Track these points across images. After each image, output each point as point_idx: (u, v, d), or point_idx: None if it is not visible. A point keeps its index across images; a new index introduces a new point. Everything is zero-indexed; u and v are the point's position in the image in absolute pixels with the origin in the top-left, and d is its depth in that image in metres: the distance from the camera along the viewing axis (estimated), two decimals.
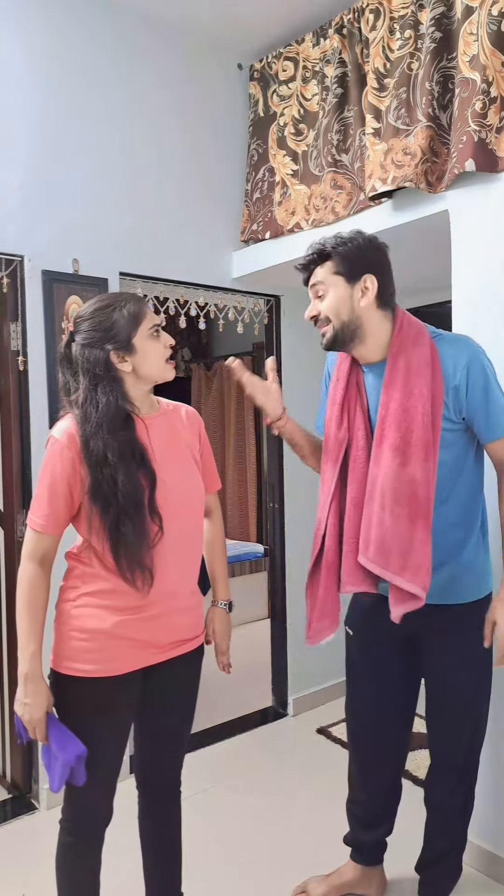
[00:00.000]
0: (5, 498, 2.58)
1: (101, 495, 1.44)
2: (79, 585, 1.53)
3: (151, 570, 1.48)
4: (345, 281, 1.63)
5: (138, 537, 1.45)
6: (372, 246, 1.66)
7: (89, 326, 1.50)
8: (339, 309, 1.63)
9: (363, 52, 2.48)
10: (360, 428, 1.69)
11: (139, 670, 1.54)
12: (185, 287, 2.88)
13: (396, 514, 1.58)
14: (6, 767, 2.64)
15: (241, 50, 2.95)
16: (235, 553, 4.71)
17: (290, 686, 3.25)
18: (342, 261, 1.63)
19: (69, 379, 1.53)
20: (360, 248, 1.64)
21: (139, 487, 1.46)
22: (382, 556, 1.59)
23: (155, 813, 1.72)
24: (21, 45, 2.41)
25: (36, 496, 1.50)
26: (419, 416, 1.57)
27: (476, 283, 2.10)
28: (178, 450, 1.61)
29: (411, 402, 1.58)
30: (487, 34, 2.00)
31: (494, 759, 2.06)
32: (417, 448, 1.57)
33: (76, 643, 1.50)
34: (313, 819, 2.28)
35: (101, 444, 1.44)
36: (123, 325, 1.49)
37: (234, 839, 2.31)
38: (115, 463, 1.44)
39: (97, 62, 2.59)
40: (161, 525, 1.49)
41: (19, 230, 2.41)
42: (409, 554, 1.57)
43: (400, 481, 1.57)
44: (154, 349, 1.52)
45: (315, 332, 1.72)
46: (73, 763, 1.43)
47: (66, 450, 1.47)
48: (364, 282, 1.62)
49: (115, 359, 1.49)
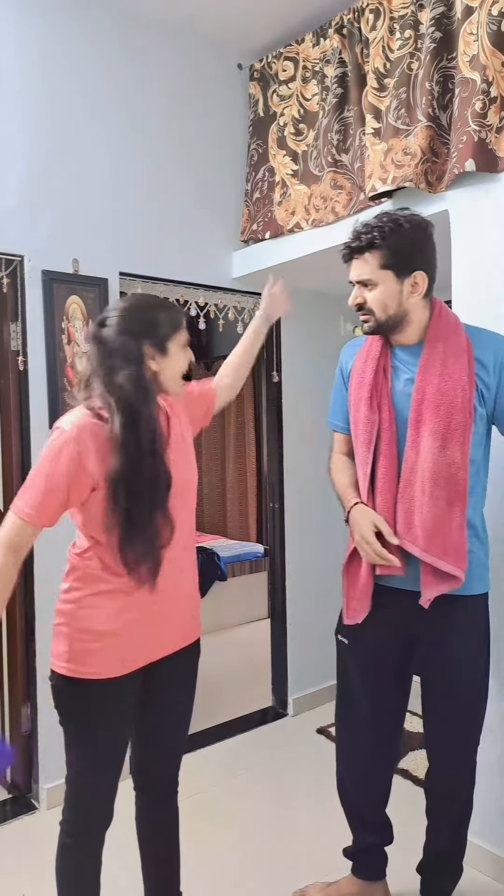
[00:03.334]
0: (5, 498, 2.58)
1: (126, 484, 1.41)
2: (82, 587, 1.52)
3: (159, 567, 1.48)
4: (394, 276, 1.60)
5: (153, 532, 1.46)
6: (422, 235, 1.63)
7: (133, 316, 1.49)
8: (386, 304, 1.62)
9: (363, 52, 2.48)
10: (385, 411, 1.67)
11: (140, 669, 1.54)
12: (185, 287, 2.88)
13: (436, 496, 1.58)
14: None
15: (241, 50, 2.95)
16: (235, 553, 4.72)
17: (290, 686, 3.25)
18: (393, 254, 1.59)
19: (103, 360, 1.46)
20: (411, 241, 1.60)
21: (167, 478, 1.48)
22: (426, 538, 1.59)
23: (153, 813, 1.72)
24: (20, 46, 2.41)
25: (29, 484, 1.44)
26: (459, 400, 1.57)
27: (476, 283, 2.10)
28: (181, 448, 1.61)
29: (450, 386, 1.58)
30: (487, 34, 2.00)
31: (495, 760, 2.06)
32: (457, 432, 1.58)
33: (82, 645, 1.49)
34: (313, 819, 2.28)
35: (149, 431, 1.43)
36: (165, 327, 1.50)
37: (233, 839, 2.31)
38: (158, 455, 1.45)
39: (97, 62, 2.59)
40: (173, 530, 1.50)
41: (19, 230, 2.41)
42: (448, 536, 1.58)
43: (439, 464, 1.58)
44: (180, 360, 1.54)
45: (315, 331, 1.73)
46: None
47: (74, 443, 1.42)
48: (414, 278, 1.61)
49: (148, 353, 1.48)
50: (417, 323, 1.66)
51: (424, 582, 1.61)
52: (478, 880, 2.07)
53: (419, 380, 1.62)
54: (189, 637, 1.64)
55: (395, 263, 1.59)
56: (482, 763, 2.09)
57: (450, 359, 1.60)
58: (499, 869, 2.06)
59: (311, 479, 3.28)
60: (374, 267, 1.61)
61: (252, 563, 4.78)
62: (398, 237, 1.59)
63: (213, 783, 2.64)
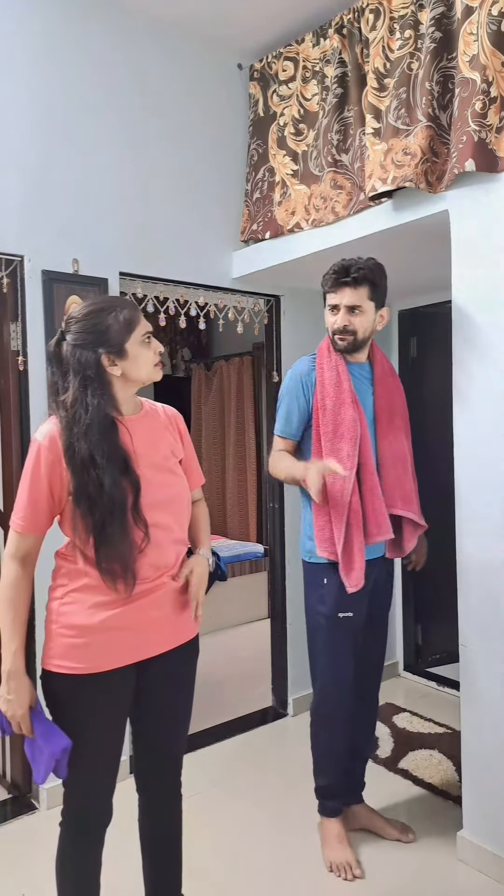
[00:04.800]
0: (5, 498, 2.58)
1: (86, 498, 1.45)
2: (66, 583, 1.54)
3: (135, 574, 1.49)
4: (375, 308, 2.11)
5: (123, 541, 1.47)
6: (386, 278, 2.14)
7: (82, 328, 1.50)
8: (366, 328, 2.11)
9: (363, 52, 2.48)
10: (361, 412, 2.12)
11: (131, 666, 1.54)
12: (185, 287, 2.88)
13: (406, 472, 2.20)
14: (6, 767, 2.64)
15: (241, 50, 2.95)
16: (235, 553, 4.72)
17: (290, 686, 3.25)
18: (376, 291, 2.08)
19: (58, 379, 1.54)
20: (384, 283, 2.11)
21: (124, 492, 1.47)
22: (410, 504, 2.18)
23: (155, 813, 1.72)
24: (21, 46, 2.41)
25: (17, 497, 1.52)
26: (401, 407, 2.23)
27: (476, 283, 2.10)
28: (160, 451, 1.62)
29: (398, 394, 2.23)
30: (487, 34, 2.00)
31: (494, 760, 2.06)
32: (406, 427, 2.24)
33: (64, 640, 1.51)
34: (313, 819, 2.28)
35: (86, 447, 1.45)
36: (117, 330, 1.50)
37: (234, 839, 2.31)
38: (102, 465, 1.45)
39: (97, 62, 2.59)
40: (147, 531, 1.50)
41: (19, 230, 2.41)
42: (415, 501, 2.22)
43: (403, 451, 2.19)
44: (144, 355, 1.54)
45: (314, 332, 1.75)
46: (58, 756, 1.45)
47: (47, 452, 1.48)
48: (381, 312, 2.14)
49: (105, 362, 1.50)
50: (367, 346, 2.18)
51: (407, 537, 2.20)
52: (478, 880, 2.07)
53: (379, 389, 2.17)
54: (184, 635, 1.63)
55: (376, 298, 2.09)
56: (482, 763, 2.10)
57: (392, 375, 2.25)
58: (499, 869, 2.06)
59: None
60: (363, 297, 2.07)
61: (252, 563, 4.78)
62: (380, 277, 2.09)
63: (213, 783, 2.64)
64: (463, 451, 2.15)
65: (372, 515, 2.08)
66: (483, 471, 2.08)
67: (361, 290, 2.05)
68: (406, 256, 2.63)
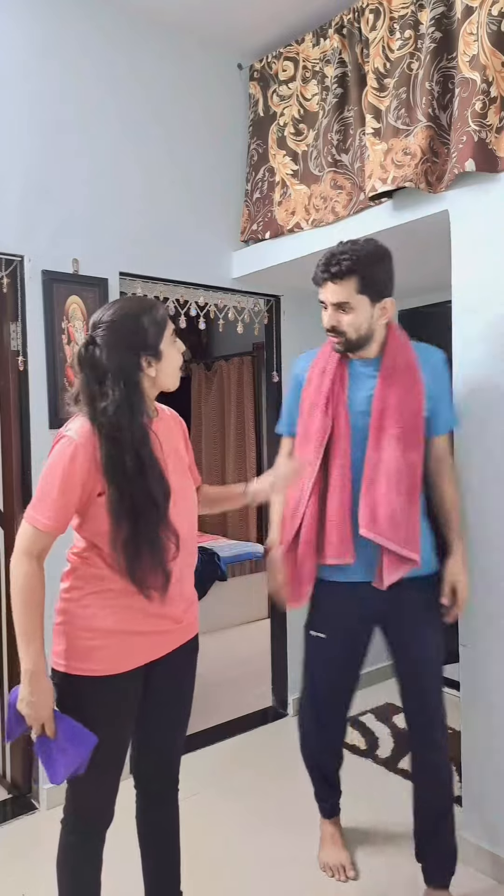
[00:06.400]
0: (5, 498, 2.58)
1: (128, 508, 1.42)
2: (82, 585, 1.53)
3: (168, 586, 1.49)
4: (369, 301, 1.77)
5: (165, 552, 1.47)
6: (390, 264, 1.79)
7: (120, 331, 1.47)
8: (359, 326, 1.79)
9: (363, 52, 2.48)
10: (341, 417, 1.85)
11: (142, 666, 1.55)
12: (185, 287, 2.88)
13: (400, 493, 1.78)
14: (6, 767, 2.64)
15: (241, 50, 2.95)
16: (235, 553, 4.72)
17: (290, 686, 3.25)
18: (367, 282, 1.74)
19: (94, 385, 1.46)
20: (381, 270, 1.77)
21: (165, 502, 1.47)
22: (392, 529, 1.77)
23: (153, 811, 1.72)
24: (21, 45, 2.41)
25: (42, 494, 1.45)
26: (417, 408, 1.80)
27: (476, 283, 2.10)
28: (178, 455, 1.62)
29: (409, 397, 1.80)
30: (487, 34, 2.00)
31: (494, 760, 2.06)
32: (415, 436, 1.81)
33: (84, 643, 1.50)
34: (313, 819, 2.28)
35: (135, 455, 1.42)
36: (154, 332, 1.49)
37: (234, 839, 2.31)
38: (150, 475, 1.44)
39: (97, 62, 2.59)
40: (178, 542, 1.50)
41: (19, 230, 2.41)
42: (410, 527, 1.79)
43: (402, 465, 1.78)
44: (174, 356, 1.54)
45: (314, 332, 1.76)
46: (86, 755, 1.43)
47: (83, 448, 1.44)
48: (384, 303, 1.79)
49: (145, 365, 1.49)
50: (378, 340, 1.84)
51: (387, 567, 1.80)
52: (478, 880, 2.07)
53: (379, 390, 1.81)
54: (188, 633, 1.65)
55: (370, 290, 1.75)
56: (482, 763, 2.10)
57: (406, 372, 1.81)
58: (499, 869, 2.06)
59: None
60: (351, 292, 1.75)
61: (252, 563, 4.78)
62: (374, 265, 1.75)
63: (213, 783, 2.64)
64: (464, 452, 2.15)
65: (330, 533, 1.84)
66: (484, 472, 2.08)
67: (347, 283, 1.73)
68: (406, 256, 2.62)
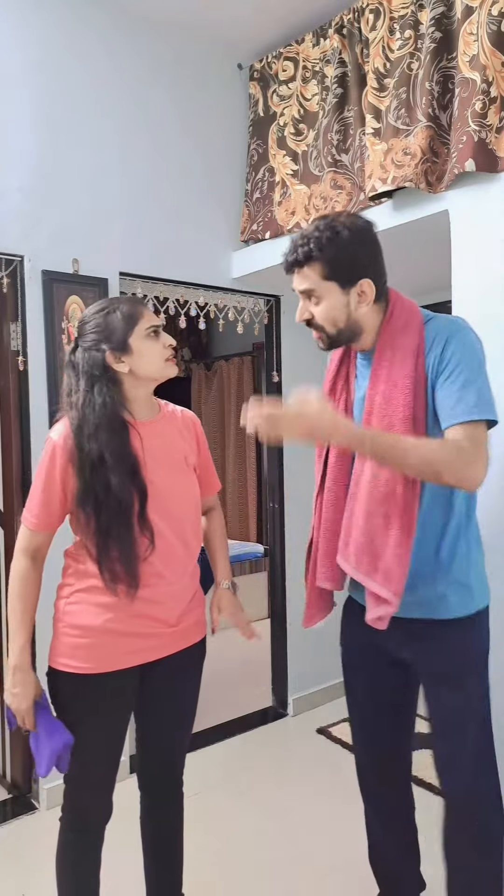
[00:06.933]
0: (5, 498, 2.58)
1: (92, 499, 1.45)
2: (73, 583, 1.55)
3: (137, 580, 1.48)
4: (339, 287, 1.47)
5: (128, 546, 1.47)
6: (361, 240, 1.47)
7: (88, 329, 1.53)
8: (335, 318, 1.49)
9: (363, 52, 2.48)
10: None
11: (135, 668, 1.54)
12: (185, 287, 2.88)
13: (371, 512, 1.46)
14: (6, 767, 2.64)
15: (241, 50, 2.95)
16: (235, 553, 4.71)
17: (290, 686, 3.25)
18: (332, 266, 1.46)
19: (73, 383, 1.53)
20: (350, 250, 1.45)
21: (131, 496, 1.47)
22: (356, 555, 1.48)
23: (156, 812, 1.72)
24: (21, 46, 2.41)
25: (31, 494, 1.54)
26: (400, 410, 1.43)
27: (476, 283, 2.10)
28: (173, 456, 1.61)
29: (393, 394, 1.45)
30: (487, 34, 2.00)
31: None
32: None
33: (69, 639, 1.52)
34: (313, 819, 2.28)
35: (96, 447, 1.45)
36: (119, 327, 1.50)
37: (234, 839, 2.31)
38: (111, 466, 1.45)
39: (97, 62, 2.59)
40: (152, 538, 1.50)
41: (19, 230, 2.41)
42: (380, 556, 1.45)
43: (378, 478, 1.45)
44: (151, 349, 1.53)
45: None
46: (59, 750, 1.46)
47: (62, 451, 1.49)
48: (360, 287, 1.47)
49: (111, 359, 1.50)
50: (371, 329, 1.52)
51: (368, 600, 1.49)
52: None
53: (369, 388, 1.51)
54: (191, 638, 1.64)
55: (338, 274, 1.46)
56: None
57: (396, 364, 1.45)
58: None
59: (311, 480, 3.27)
60: (316, 279, 1.47)
61: (252, 563, 4.78)
62: (338, 247, 1.45)
63: (213, 783, 2.64)
64: None
65: (319, 553, 1.64)
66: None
67: (309, 270, 1.47)
68: (406, 256, 2.63)
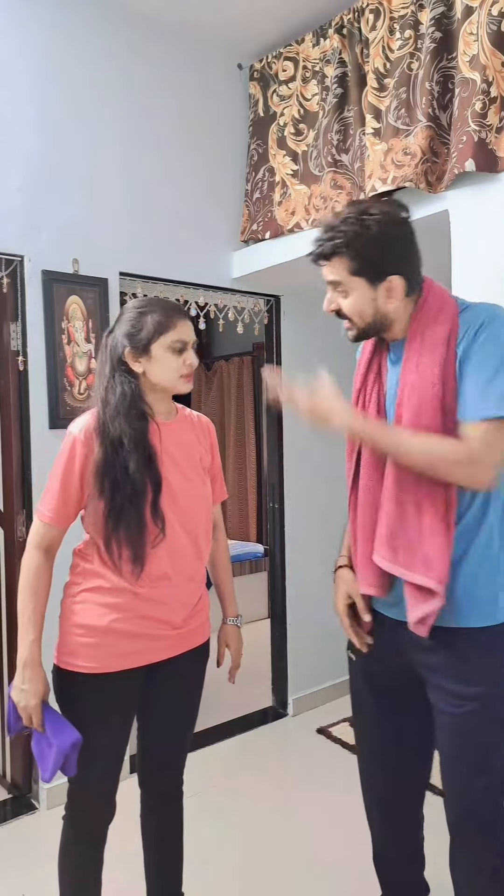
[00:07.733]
0: (5, 498, 2.58)
1: (110, 479, 1.46)
2: (80, 582, 1.56)
3: (143, 563, 1.49)
4: (367, 283, 1.42)
5: (138, 528, 1.47)
6: (391, 234, 1.42)
7: (123, 321, 1.55)
8: (363, 311, 1.45)
9: (363, 52, 2.48)
10: (372, 415, 1.50)
11: (140, 668, 1.55)
12: (185, 287, 2.88)
13: (401, 501, 1.41)
14: (6, 767, 2.64)
15: (241, 50, 2.95)
16: (235, 553, 4.71)
17: (290, 686, 3.25)
18: (360, 262, 1.41)
19: (102, 364, 1.56)
20: (379, 245, 1.40)
21: (144, 485, 1.48)
22: (391, 549, 1.41)
23: (157, 812, 1.73)
24: (22, 46, 2.41)
25: (47, 488, 1.54)
26: (428, 397, 1.38)
27: (476, 283, 2.10)
28: (190, 458, 1.63)
29: (421, 383, 1.39)
30: (487, 34, 2.00)
31: None
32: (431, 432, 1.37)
33: (75, 639, 1.52)
34: (314, 819, 2.28)
35: (118, 427, 1.47)
36: (146, 330, 1.52)
37: (234, 839, 2.31)
38: (130, 449, 1.47)
39: (97, 62, 2.59)
40: (163, 528, 1.51)
41: (19, 230, 2.41)
42: (418, 544, 1.38)
43: (424, 481, 1.38)
44: (169, 361, 1.54)
45: (315, 331, 1.71)
46: (67, 750, 1.44)
47: (81, 446, 1.50)
48: (389, 282, 1.41)
49: (129, 357, 1.53)
50: (402, 319, 1.47)
51: (409, 600, 1.40)
52: None
53: (400, 380, 1.45)
54: (195, 640, 1.64)
55: (365, 270, 1.42)
56: None
57: (425, 354, 1.40)
58: None
59: (311, 480, 3.28)
60: (343, 273, 1.44)
61: (252, 563, 4.78)
62: (366, 242, 1.40)
63: (213, 783, 2.64)
64: None
65: (357, 556, 1.52)
66: None
67: (336, 263, 1.45)
68: None
